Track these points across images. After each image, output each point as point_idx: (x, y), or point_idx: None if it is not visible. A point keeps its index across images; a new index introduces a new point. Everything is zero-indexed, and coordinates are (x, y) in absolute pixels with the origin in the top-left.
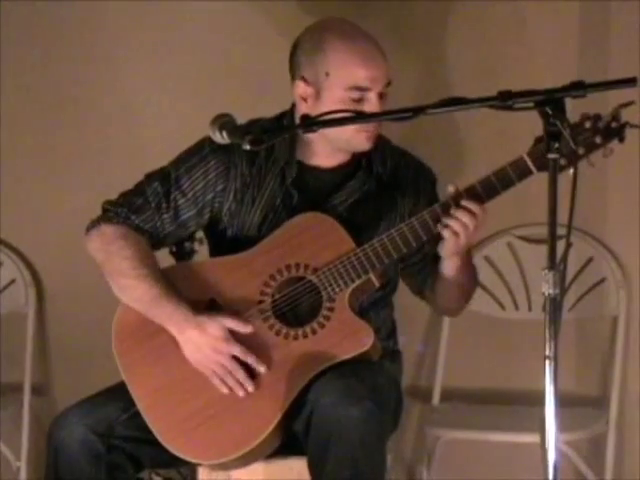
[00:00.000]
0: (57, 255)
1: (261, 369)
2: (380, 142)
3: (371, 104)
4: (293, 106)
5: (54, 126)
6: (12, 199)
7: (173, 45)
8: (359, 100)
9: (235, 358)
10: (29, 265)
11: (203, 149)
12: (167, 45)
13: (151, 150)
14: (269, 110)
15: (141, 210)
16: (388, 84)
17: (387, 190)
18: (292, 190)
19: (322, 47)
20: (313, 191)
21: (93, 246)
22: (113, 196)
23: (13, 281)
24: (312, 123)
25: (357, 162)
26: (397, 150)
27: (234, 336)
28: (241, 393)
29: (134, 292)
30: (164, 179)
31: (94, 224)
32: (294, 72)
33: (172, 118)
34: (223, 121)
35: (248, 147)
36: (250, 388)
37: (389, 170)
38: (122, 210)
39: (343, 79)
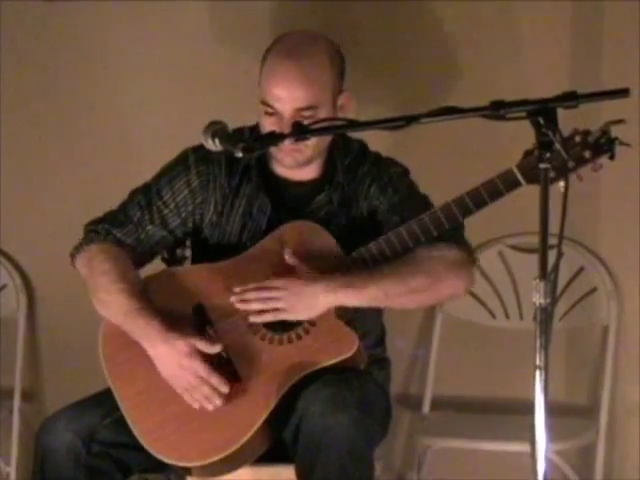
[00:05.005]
0: (48, 261)
1: (223, 390)
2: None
3: (280, 123)
4: None
5: (48, 133)
6: (3, 205)
7: (168, 53)
8: (273, 115)
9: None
10: (20, 270)
11: (185, 161)
12: (162, 52)
13: (145, 158)
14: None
15: (123, 224)
16: (307, 109)
17: (350, 198)
18: (264, 199)
19: (264, 57)
20: (286, 201)
21: (79, 264)
22: (106, 202)
23: (4, 286)
24: (302, 131)
25: (325, 176)
26: (359, 149)
27: (224, 339)
28: (210, 407)
29: (110, 307)
30: (146, 192)
31: (77, 249)
32: None
33: (167, 126)
34: (216, 128)
35: (240, 155)
36: (218, 402)
37: (346, 167)
38: (103, 227)
39: (261, 92)
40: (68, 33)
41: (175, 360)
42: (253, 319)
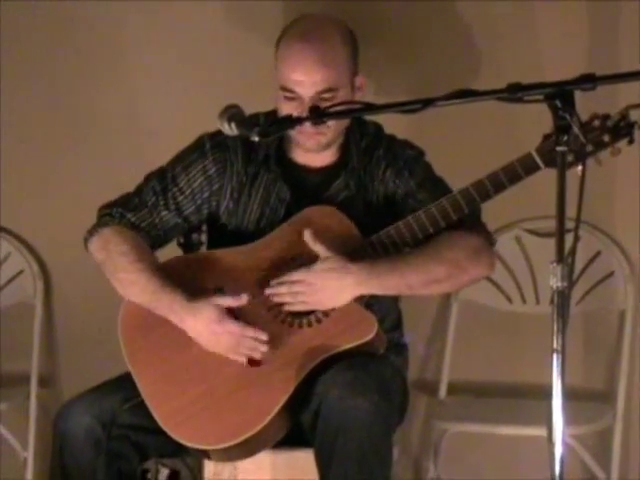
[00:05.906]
0: (65, 247)
1: (263, 337)
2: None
3: (301, 107)
4: None
5: (61, 119)
6: (19, 190)
7: (182, 38)
8: (293, 99)
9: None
10: (37, 256)
11: (201, 147)
12: (172, 42)
13: (157, 140)
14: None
15: (137, 208)
16: (327, 91)
17: (366, 182)
18: (283, 186)
19: (279, 42)
20: (305, 189)
21: (94, 247)
22: (123, 188)
23: (21, 272)
24: (320, 115)
25: (342, 162)
26: (375, 131)
27: (242, 318)
28: (258, 355)
29: (134, 287)
30: (161, 177)
31: (91, 232)
32: None
33: (182, 110)
34: (232, 112)
35: (256, 139)
36: (263, 348)
37: (363, 151)
38: (117, 210)
39: (279, 77)
40: (82, 24)
41: (206, 328)
42: (287, 308)
